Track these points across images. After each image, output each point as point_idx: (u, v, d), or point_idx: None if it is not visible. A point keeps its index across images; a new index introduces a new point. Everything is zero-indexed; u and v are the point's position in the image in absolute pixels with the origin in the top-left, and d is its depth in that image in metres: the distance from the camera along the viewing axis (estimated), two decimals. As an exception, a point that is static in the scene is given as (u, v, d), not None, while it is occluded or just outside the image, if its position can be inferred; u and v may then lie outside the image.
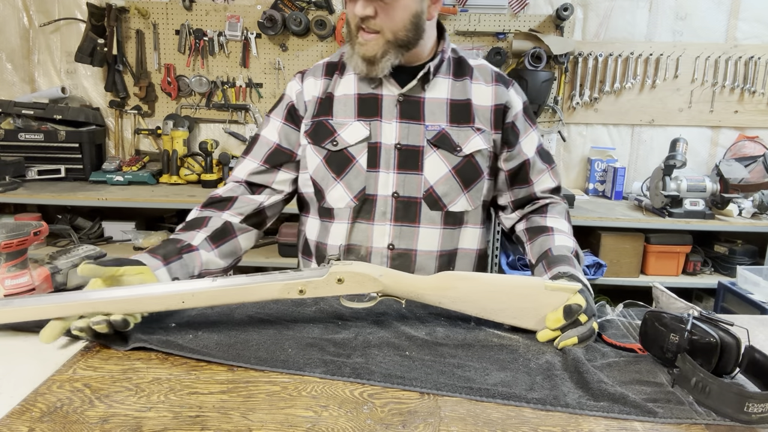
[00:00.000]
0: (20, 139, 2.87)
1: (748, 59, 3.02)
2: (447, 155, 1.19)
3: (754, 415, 0.71)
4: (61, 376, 0.79)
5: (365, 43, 1.12)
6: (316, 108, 1.23)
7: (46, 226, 1.07)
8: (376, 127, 1.19)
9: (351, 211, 1.20)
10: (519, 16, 3.02)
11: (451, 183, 1.19)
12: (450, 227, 1.21)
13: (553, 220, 1.24)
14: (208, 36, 3.06)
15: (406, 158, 1.18)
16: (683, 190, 2.64)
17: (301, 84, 1.25)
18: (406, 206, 1.19)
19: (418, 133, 1.19)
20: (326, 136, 1.20)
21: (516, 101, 1.25)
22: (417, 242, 1.20)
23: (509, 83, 1.26)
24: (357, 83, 1.22)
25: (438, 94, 1.21)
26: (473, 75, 1.23)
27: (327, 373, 0.81)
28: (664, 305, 1.05)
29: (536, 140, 1.27)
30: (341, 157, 1.19)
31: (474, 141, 1.19)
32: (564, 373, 0.84)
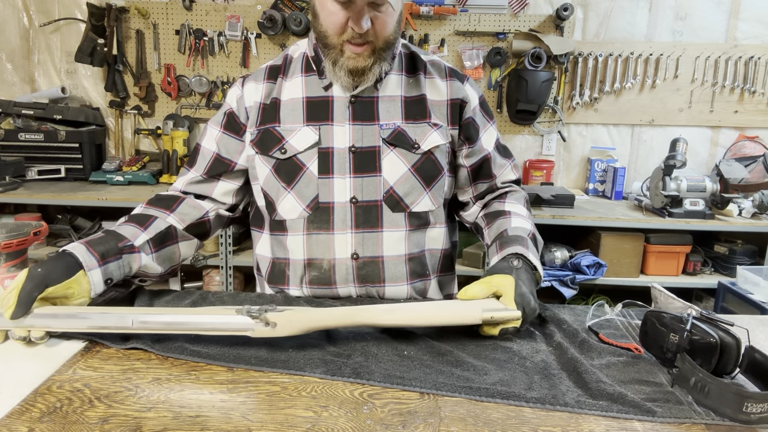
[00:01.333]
0: (20, 139, 2.87)
1: (748, 59, 3.02)
2: (405, 153, 1.14)
3: (754, 415, 0.71)
4: (61, 376, 0.79)
5: (356, 57, 1.06)
6: (260, 115, 1.16)
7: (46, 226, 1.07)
8: (327, 131, 1.13)
9: (305, 221, 1.14)
10: (519, 16, 3.02)
11: (411, 182, 1.14)
12: (415, 229, 1.17)
13: (511, 205, 1.21)
14: (208, 36, 3.06)
15: (362, 161, 1.13)
16: (683, 190, 2.64)
17: (241, 89, 1.18)
18: (366, 211, 1.13)
19: (373, 133, 1.13)
20: (274, 143, 1.13)
21: (473, 96, 1.21)
22: (382, 248, 1.14)
23: (464, 78, 1.22)
24: (305, 86, 1.15)
25: (391, 92, 1.16)
26: (426, 70, 1.19)
27: (327, 373, 0.81)
28: (663, 305, 1.05)
29: (494, 135, 1.25)
30: (291, 164, 1.13)
31: (432, 137, 1.15)
32: (561, 372, 0.84)
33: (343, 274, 1.14)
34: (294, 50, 1.22)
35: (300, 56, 1.19)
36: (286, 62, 1.20)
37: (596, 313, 1.06)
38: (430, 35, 3.03)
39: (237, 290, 2.83)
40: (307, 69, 1.17)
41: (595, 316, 1.05)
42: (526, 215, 1.20)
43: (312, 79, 1.16)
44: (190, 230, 1.16)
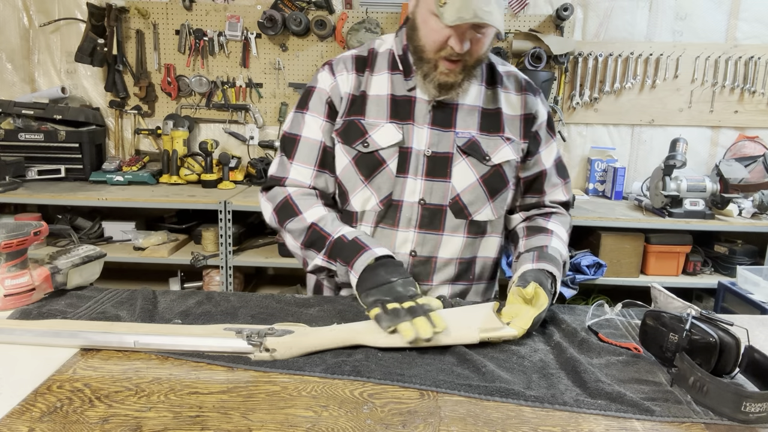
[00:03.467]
0: (20, 139, 2.87)
1: (748, 59, 3.02)
2: (476, 164, 1.16)
3: (752, 414, 0.71)
4: (61, 376, 0.79)
5: (449, 72, 1.09)
6: (348, 106, 1.18)
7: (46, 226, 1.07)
8: (409, 131, 1.16)
9: (375, 215, 1.17)
10: (519, 16, 3.02)
11: (477, 192, 1.17)
12: (473, 236, 1.20)
13: (554, 225, 1.24)
14: (208, 36, 3.06)
15: (435, 165, 1.16)
16: (683, 190, 2.64)
17: (333, 77, 1.19)
18: (431, 214, 1.16)
19: (449, 139, 1.16)
20: (357, 136, 1.16)
21: (542, 111, 1.24)
22: (439, 249, 1.18)
23: (537, 92, 1.24)
24: (391, 83, 1.18)
25: (471, 102, 1.18)
26: (503, 83, 1.21)
27: (327, 371, 0.81)
28: (663, 305, 1.05)
29: (555, 152, 1.27)
30: (371, 159, 1.16)
31: (503, 151, 1.18)
32: (560, 372, 0.84)
33: None
34: (379, 45, 1.23)
35: (386, 52, 1.21)
36: (372, 56, 1.21)
37: (596, 313, 1.06)
38: (430, 35, 3.03)
39: (237, 290, 2.83)
40: (393, 67, 1.19)
41: (594, 315, 1.05)
42: (565, 240, 1.23)
43: (398, 77, 1.18)
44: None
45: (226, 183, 2.93)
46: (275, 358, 0.85)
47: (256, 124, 3.16)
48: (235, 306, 1.05)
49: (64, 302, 1.05)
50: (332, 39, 3.05)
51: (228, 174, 2.96)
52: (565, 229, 1.26)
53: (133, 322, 0.96)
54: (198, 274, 2.89)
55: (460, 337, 0.90)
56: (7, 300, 1.00)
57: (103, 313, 1.00)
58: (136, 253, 2.72)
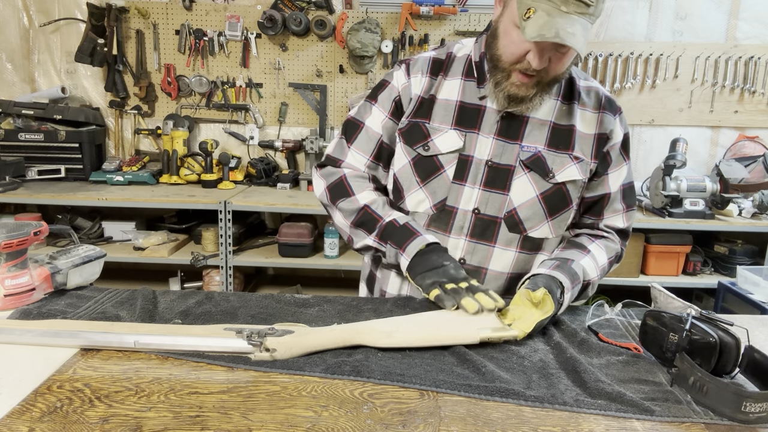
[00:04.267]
0: (20, 139, 2.87)
1: (748, 59, 3.02)
2: (537, 179, 1.13)
3: (752, 414, 0.71)
4: (61, 376, 0.79)
5: (521, 85, 1.06)
6: (416, 107, 1.18)
7: (46, 226, 1.07)
8: (472, 139, 1.14)
9: (428, 218, 1.17)
10: (519, 16, 3.02)
11: (535, 208, 1.14)
12: (526, 252, 1.17)
13: (596, 248, 1.19)
14: (208, 36, 3.06)
15: (495, 176, 1.13)
16: (683, 190, 2.64)
17: (408, 78, 1.19)
18: (485, 224, 1.14)
19: (513, 152, 1.13)
20: (420, 139, 1.16)
21: (618, 132, 1.18)
22: (489, 261, 1.16)
23: (617, 111, 1.18)
24: (462, 90, 1.16)
25: (542, 116, 1.14)
26: (580, 99, 1.16)
27: (327, 371, 0.81)
28: (663, 305, 1.05)
29: (624, 176, 1.21)
30: (430, 163, 1.15)
31: (569, 170, 1.13)
32: (560, 372, 0.84)
33: None
34: (458, 49, 1.21)
35: (464, 57, 1.19)
36: (449, 60, 1.19)
37: (596, 313, 1.06)
38: (430, 35, 3.03)
39: (237, 290, 2.83)
40: (468, 73, 1.17)
41: (594, 315, 1.05)
42: (601, 266, 1.18)
43: (470, 84, 1.16)
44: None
45: (226, 183, 2.93)
46: (275, 358, 0.85)
47: (256, 124, 3.16)
48: (235, 306, 1.05)
49: (64, 302, 1.05)
50: (332, 39, 3.05)
51: (228, 174, 2.97)
52: (606, 255, 1.20)
53: (133, 322, 0.96)
54: (198, 274, 2.89)
55: (460, 337, 0.90)
56: (7, 300, 1.00)
57: (103, 313, 1.00)
58: (136, 253, 2.72)
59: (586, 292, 1.16)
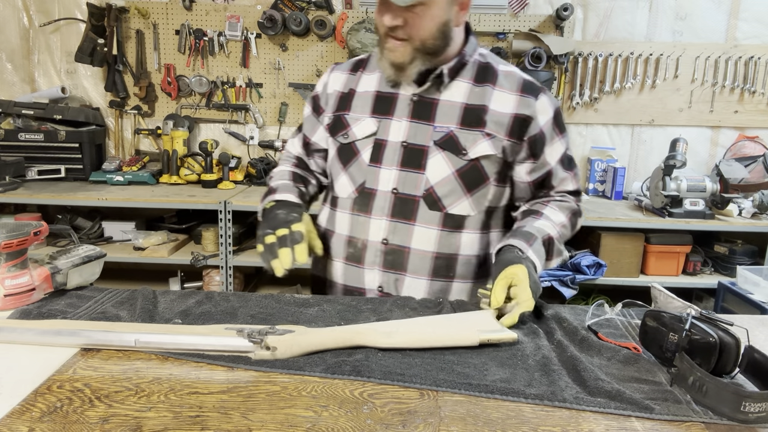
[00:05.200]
0: (20, 139, 2.87)
1: (748, 59, 3.02)
2: (451, 157, 1.19)
3: (752, 414, 0.71)
4: (61, 376, 0.79)
5: (394, 50, 1.15)
6: (337, 103, 1.29)
7: (46, 226, 1.07)
8: (386, 124, 1.22)
9: (351, 202, 1.24)
10: (519, 16, 3.02)
11: (452, 185, 1.19)
12: (448, 230, 1.21)
13: (549, 210, 1.26)
14: (208, 36, 3.06)
15: (410, 156, 1.20)
16: (683, 190, 2.64)
17: (328, 76, 1.34)
18: (403, 203, 1.20)
19: (426, 133, 1.20)
20: (341, 129, 1.27)
21: (544, 111, 1.22)
22: (411, 240, 1.20)
23: (539, 92, 1.22)
24: (379, 81, 1.26)
25: (453, 97, 1.21)
26: (498, 81, 1.22)
27: (327, 371, 0.81)
28: (663, 305, 1.05)
29: (561, 149, 1.26)
30: (348, 149, 1.25)
31: (481, 146, 1.18)
32: (561, 369, 0.84)
33: (372, 257, 1.22)
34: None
35: None
36: (370, 58, 1.32)
37: (596, 313, 1.06)
38: (430, 35, 3.03)
39: (237, 290, 2.83)
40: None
41: (594, 315, 1.05)
42: (558, 221, 1.24)
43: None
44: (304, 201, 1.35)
45: (226, 183, 2.93)
46: (276, 356, 0.85)
47: (256, 124, 3.16)
48: (235, 306, 1.05)
49: (64, 302, 1.05)
50: (332, 39, 3.05)
51: (228, 174, 2.97)
52: (561, 212, 1.26)
53: (133, 322, 0.96)
54: (198, 274, 2.89)
55: (460, 338, 0.91)
56: (7, 300, 1.00)
57: (103, 313, 1.00)
58: (136, 253, 2.72)
59: (555, 249, 1.21)
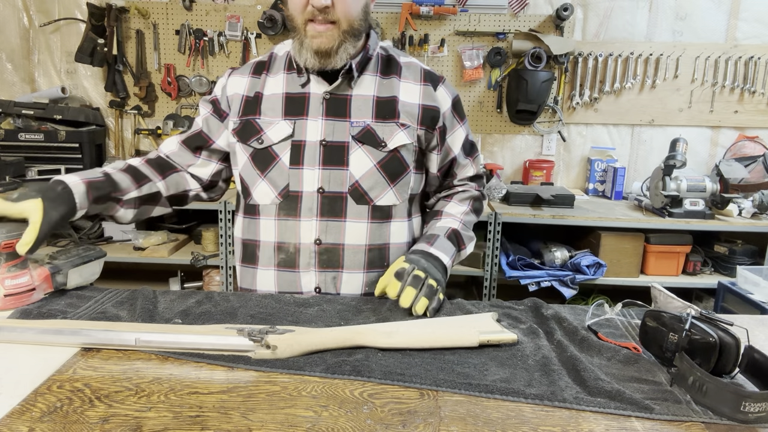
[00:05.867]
0: (20, 139, 2.87)
1: (748, 59, 3.02)
2: (372, 150, 1.20)
3: (752, 414, 0.71)
4: (61, 376, 0.79)
5: (319, 35, 1.11)
6: (242, 106, 1.24)
7: None
8: (301, 125, 1.20)
9: (276, 208, 1.21)
10: (519, 16, 3.02)
11: (376, 177, 1.20)
12: (378, 221, 1.22)
13: (450, 206, 1.32)
14: (208, 36, 3.07)
15: (331, 154, 1.19)
16: (683, 190, 2.64)
17: (226, 80, 1.28)
18: (332, 201, 1.19)
19: (344, 129, 1.19)
20: (253, 134, 1.22)
21: (444, 100, 1.26)
22: (344, 236, 1.20)
23: (438, 81, 1.26)
24: (286, 82, 1.23)
25: (364, 92, 1.21)
26: (402, 73, 1.24)
27: (327, 371, 0.81)
28: (663, 305, 1.05)
29: (462, 135, 1.30)
30: (265, 154, 1.21)
31: (398, 136, 1.20)
32: (561, 369, 0.84)
33: (306, 259, 1.21)
34: (279, 49, 1.29)
35: (284, 55, 1.27)
36: (271, 59, 1.28)
37: (596, 313, 1.06)
38: (430, 35, 3.03)
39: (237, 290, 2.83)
40: (289, 67, 1.24)
41: (594, 315, 1.05)
42: (459, 213, 1.31)
43: (292, 76, 1.23)
44: (170, 199, 1.30)
45: (226, 183, 2.93)
46: (276, 356, 0.85)
47: (256, 124, 3.16)
48: (235, 306, 1.05)
49: (64, 302, 1.05)
50: (332, 39, 3.05)
51: (228, 174, 2.96)
52: (463, 205, 1.33)
53: (133, 321, 0.96)
54: (198, 274, 2.89)
55: (459, 339, 0.91)
56: (7, 300, 1.00)
57: (103, 313, 1.00)
58: (136, 253, 2.72)
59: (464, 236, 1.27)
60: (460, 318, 1.00)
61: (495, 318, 0.99)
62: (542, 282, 2.64)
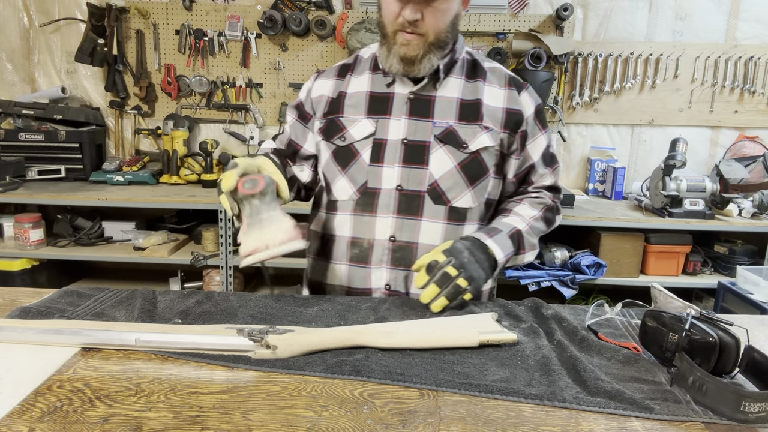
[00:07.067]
0: (20, 139, 2.88)
1: (748, 59, 3.02)
2: (453, 151, 1.21)
3: (752, 414, 0.71)
4: (61, 376, 0.79)
5: (407, 44, 1.15)
6: (327, 107, 1.28)
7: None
8: (384, 124, 1.22)
9: (353, 203, 1.23)
10: (519, 16, 3.02)
11: (456, 178, 1.21)
12: (453, 223, 1.22)
13: (520, 207, 1.30)
14: (208, 36, 3.07)
15: (412, 153, 1.21)
16: (683, 190, 2.64)
17: (312, 83, 1.33)
18: (409, 199, 1.20)
19: (426, 129, 1.21)
20: (336, 132, 1.25)
21: (527, 106, 1.26)
22: (419, 235, 1.21)
23: (522, 87, 1.28)
24: (371, 82, 1.26)
25: (449, 93, 1.23)
26: (486, 77, 1.26)
27: (327, 371, 0.81)
28: (662, 305, 1.05)
29: (543, 144, 1.30)
30: (346, 151, 1.24)
31: (481, 138, 1.21)
32: (561, 369, 0.84)
33: (379, 255, 1.22)
34: (365, 52, 1.34)
35: (370, 56, 1.31)
36: (356, 61, 1.32)
37: (596, 313, 1.06)
38: (430, 35, 3.03)
39: (237, 290, 2.83)
40: (374, 68, 1.28)
41: (594, 315, 1.05)
42: (528, 215, 1.27)
43: (378, 76, 1.27)
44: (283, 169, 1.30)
45: (226, 183, 2.93)
46: (276, 355, 0.85)
47: (256, 124, 3.16)
48: (235, 306, 1.05)
49: (64, 301, 1.05)
50: (332, 39, 3.05)
51: (228, 174, 2.96)
52: (534, 209, 1.29)
53: (133, 321, 0.96)
54: (198, 274, 2.89)
55: (459, 339, 0.91)
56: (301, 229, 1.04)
57: (102, 312, 1.00)
58: (136, 253, 2.72)
59: (526, 241, 1.24)
60: (460, 318, 1.00)
61: (495, 318, 0.99)
62: (542, 282, 2.64)
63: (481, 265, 1.11)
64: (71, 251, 2.74)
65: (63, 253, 2.73)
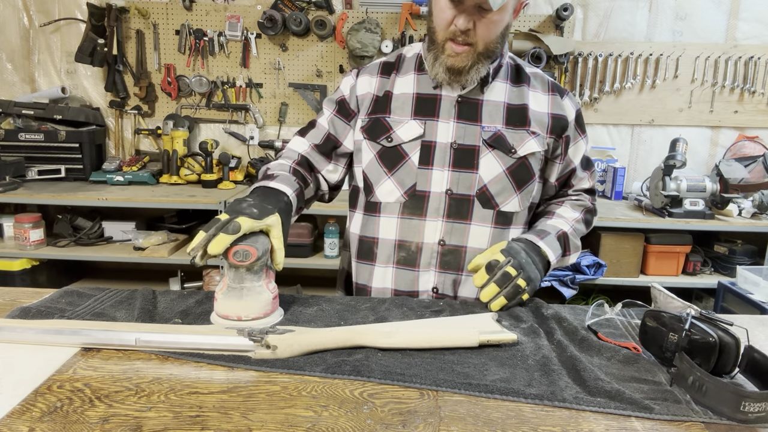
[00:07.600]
0: (20, 139, 2.88)
1: (748, 59, 3.02)
2: (502, 156, 1.20)
3: (751, 414, 0.71)
4: (61, 376, 0.79)
5: (455, 55, 1.13)
6: (372, 105, 1.26)
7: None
8: (432, 126, 1.21)
9: (400, 206, 1.22)
10: (519, 16, 3.02)
11: (504, 183, 1.21)
12: (500, 227, 1.23)
13: (562, 209, 1.31)
14: (208, 36, 3.07)
15: (462, 157, 1.20)
16: (683, 190, 2.64)
17: (355, 80, 1.29)
18: (459, 203, 1.20)
19: (475, 133, 1.20)
20: (382, 132, 1.23)
21: (570, 111, 1.27)
22: (467, 239, 1.21)
23: (564, 92, 1.28)
24: (416, 83, 1.24)
25: (496, 97, 1.23)
26: (530, 83, 1.26)
27: (327, 371, 0.81)
28: (662, 305, 1.05)
29: (583, 148, 1.31)
30: (394, 153, 1.22)
31: (529, 144, 1.21)
32: (561, 369, 0.84)
33: (428, 258, 1.21)
34: (408, 50, 1.31)
35: (414, 56, 1.28)
36: (400, 60, 1.29)
37: (596, 313, 1.06)
38: (430, 35, 3.03)
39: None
40: (419, 68, 1.26)
41: (594, 315, 1.05)
42: (572, 218, 1.29)
43: (423, 77, 1.24)
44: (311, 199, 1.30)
45: (226, 183, 2.93)
46: (276, 355, 0.85)
47: (256, 124, 3.16)
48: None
49: (64, 301, 1.05)
50: (332, 39, 3.05)
51: (228, 174, 2.97)
52: (575, 211, 1.31)
53: (133, 321, 0.96)
54: (198, 274, 2.89)
55: (459, 339, 0.91)
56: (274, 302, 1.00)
57: (102, 312, 1.00)
58: (136, 253, 2.72)
59: (571, 243, 1.25)
60: (460, 318, 1.00)
61: (495, 318, 0.99)
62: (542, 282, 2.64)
63: (536, 267, 1.12)
64: (71, 251, 2.74)
65: (63, 253, 2.73)
